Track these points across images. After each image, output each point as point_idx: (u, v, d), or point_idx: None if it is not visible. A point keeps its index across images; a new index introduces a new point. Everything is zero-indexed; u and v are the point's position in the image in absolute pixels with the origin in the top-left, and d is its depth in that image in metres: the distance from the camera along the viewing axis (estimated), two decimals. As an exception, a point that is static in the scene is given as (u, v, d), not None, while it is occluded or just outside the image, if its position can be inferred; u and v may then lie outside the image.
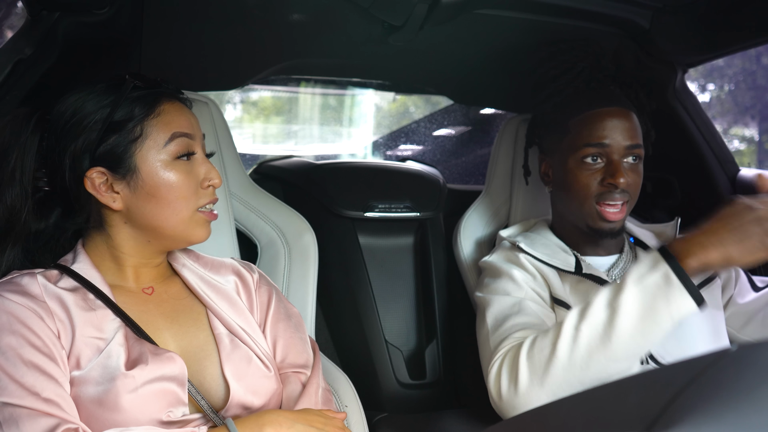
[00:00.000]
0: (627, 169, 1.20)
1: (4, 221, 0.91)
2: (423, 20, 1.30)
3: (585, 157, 1.21)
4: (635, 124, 1.23)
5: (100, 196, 0.90)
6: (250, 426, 0.82)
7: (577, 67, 1.29)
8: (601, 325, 0.97)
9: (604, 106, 1.23)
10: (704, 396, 0.40)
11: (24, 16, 1.15)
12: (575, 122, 1.24)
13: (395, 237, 1.64)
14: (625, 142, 1.20)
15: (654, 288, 0.94)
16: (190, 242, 0.96)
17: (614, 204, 1.20)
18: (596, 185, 1.21)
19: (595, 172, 1.21)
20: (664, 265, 0.94)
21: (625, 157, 1.21)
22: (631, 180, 1.20)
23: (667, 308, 0.93)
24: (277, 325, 1.02)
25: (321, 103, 3.00)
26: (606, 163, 1.21)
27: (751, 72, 4.94)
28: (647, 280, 0.95)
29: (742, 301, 1.25)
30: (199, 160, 0.95)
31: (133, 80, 0.93)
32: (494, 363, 1.08)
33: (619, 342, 0.95)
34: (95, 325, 0.86)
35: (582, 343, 0.98)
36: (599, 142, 1.20)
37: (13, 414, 0.76)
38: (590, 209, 1.22)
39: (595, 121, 1.22)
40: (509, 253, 1.30)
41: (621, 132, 1.20)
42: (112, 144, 0.89)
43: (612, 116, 1.21)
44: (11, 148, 0.91)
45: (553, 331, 1.02)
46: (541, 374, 1.00)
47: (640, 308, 0.95)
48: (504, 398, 1.04)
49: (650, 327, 0.94)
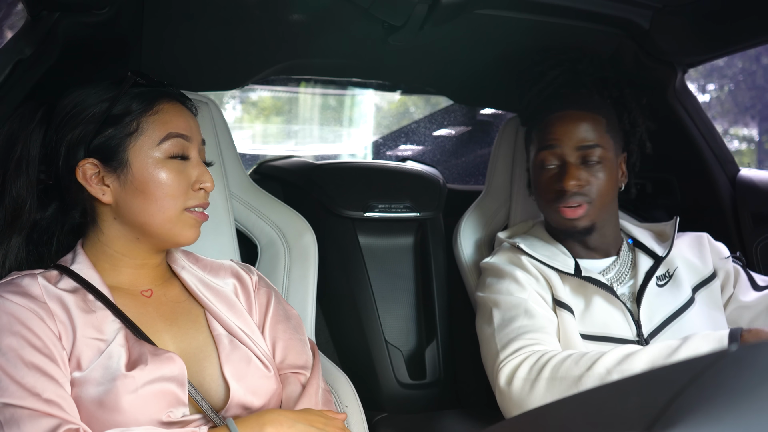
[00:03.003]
0: (582, 171, 1.21)
1: (11, 211, 0.92)
2: (423, 20, 1.30)
3: (542, 161, 1.26)
4: (592, 125, 1.24)
5: (90, 187, 0.91)
6: (251, 426, 0.82)
7: (547, 76, 1.32)
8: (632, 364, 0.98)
9: (556, 111, 1.27)
10: (704, 396, 0.40)
11: (24, 16, 1.15)
12: (537, 129, 1.30)
13: (395, 237, 1.64)
14: (576, 144, 1.22)
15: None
16: (177, 243, 0.96)
17: (568, 205, 1.22)
18: (553, 189, 1.24)
19: (551, 177, 1.25)
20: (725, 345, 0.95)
21: (578, 159, 1.22)
22: (587, 181, 1.21)
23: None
24: (276, 326, 1.02)
25: (321, 103, 3.00)
26: (559, 166, 1.24)
27: (751, 72, 4.94)
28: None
29: (744, 299, 1.25)
30: (194, 162, 0.95)
31: (135, 77, 0.94)
32: (509, 360, 1.09)
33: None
34: (96, 327, 0.86)
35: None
36: (549, 144, 1.25)
37: (14, 415, 0.77)
38: (552, 211, 1.26)
39: (547, 125, 1.27)
40: (510, 255, 1.30)
41: (572, 134, 1.23)
42: (108, 137, 0.91)
43: (563, 119, 1.25)
44: (18, 139, 0.93)
45: (585, 363, 1.02)
46: (558, 395, 1.00)
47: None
48: (514, 395, 1.05)
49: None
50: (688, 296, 1.23)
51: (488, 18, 1.39)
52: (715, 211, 1.62)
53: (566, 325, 1.17)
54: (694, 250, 1.30)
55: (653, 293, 1.22)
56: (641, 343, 1.17)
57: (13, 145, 0.93)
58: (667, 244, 1.28)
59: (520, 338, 1.11)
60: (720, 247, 1.32)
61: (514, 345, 1.11)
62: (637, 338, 1.17)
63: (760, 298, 1.24)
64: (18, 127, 0.93)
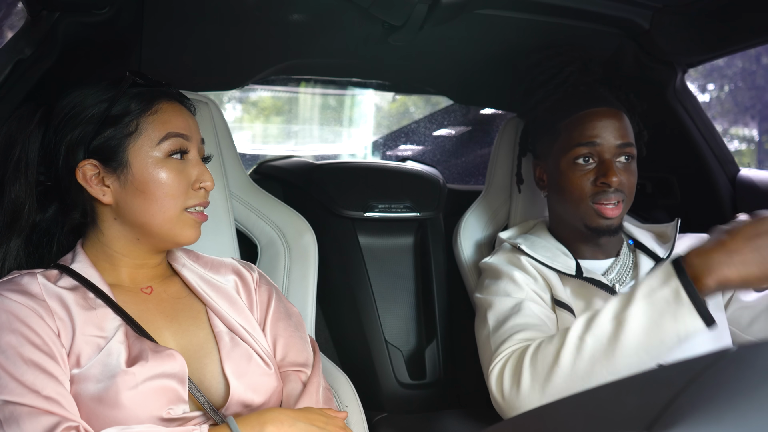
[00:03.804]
0: (620, 169, 1.20)
1: (10, 213, 0.92)
2: (423, 20, 1.30)
3: (577, 158, 1.22)
4: (626, 123, 1.24)
5: (91, 188, 0.91)
6: (252, 424, 0.82)
7: (564, 72, 1.31)
8: (605, 337, 0.96)
9: (593, 107, 1.23)
10: (704, 396, 0.40)
11: (24, 16, 1.15)
12: (566, 124, 1.25)
13: (395, 237, 1.64)
14: (616, 141, 1.21)
15: (663, 304, 0.91)
16: (177, 243, 0.96)
17: (609, 202, 1.20)
18: (590, 185, 1.21)
19: (587, 173, 1.21)
20: (676, 281, 0.91)
21: (616, 156, 1.21)
22: (625, 179, 1.21)
23: (674, 326, 0.91)
24: (277, 324, 1.02)
25: (321, 103, 3.00)
26: (598, 163, 1.21)
27: (751, 72, 4.94)
28: (657, 295, 0.92)
29: (745, 298, 1.25)
30: (193, 162, 0.95)
31: (133, 77, 0.94)
32: (497, 364, 1.08)
33: (623, 356, 0.94)
34: (96, 324, 0.86)
35: (585, 354, 0.97)
36: (590, 141, 1.21)
37: (13, 412, 0.77)
38: (587, 209, 1.22)
39: (584, 121, 1.22)
40: (510, 255, 1.30)
41: (611, 131, 1.21)
42: (107, 137, 0.91)
43: (601, 116, 1.22)
44: (17, 141, 0.93)
45: (558, 339, 1.01)
46: (543, 381, 1.00)
47: (646, 324, 0.92)
48: (506, 398, 1.04)
49: (655, 344, 0.92)
50: (689, 297, 1.22)
51: (488, 18, 1.39)
52: (715, 212, 1.62)
53: (566, 324, 1.17)
54: (695, 251, 1.30)
55: (654, 294, 1.22)
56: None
57: (11, 147, 0.92)
58: (668, 246, 1.28)
59: (510, 339, 1.11)
60: (721, 248, 1.32)
61: (504, 346, 1.11)
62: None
63: (761, 298, 1.24)
64: (16, 129, 0.93)
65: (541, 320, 1.15)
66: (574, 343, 0.98)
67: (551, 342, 1.02)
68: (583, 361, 0.96)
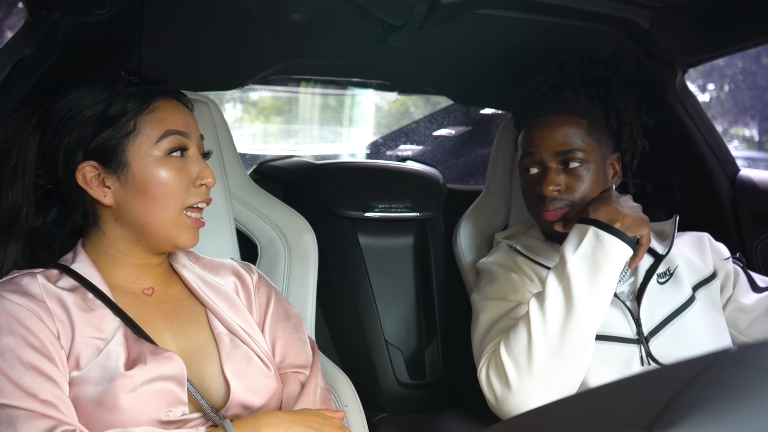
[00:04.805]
0: (564, 176, 1.22)
1: (7, 217, 0.91)
2: (423, 20, 1.30)
3: (524, 168, 1.28)
4: (571, 129, 1.23)
5: (91, 190, 0.91)
6: (248, 428, 0.82)
7: (535, 81, 1.32)
8: (560, 297, 1.06)
9: (535, 117, 1.27)
10: (704, 396, 0.40)
11: (24, 16, 1.15)
12: (520, 137, 1.31)
13: (395, 237, 1.64)
14: (554, 149, 1.23)
15: (590, 248, 1.06)
16: (176, 245, 0.95)
17: (548, 210, 1.22)
18: (534, 194, 1.25)
19: (534, 182, 1.26)
20: (589, 228, 1.07)
21: (558, 164, 1.23)
22: (567, 186, 1.22)
23: (607, 257, 1.05)
24: (276, 325, 1.02)
25: (321, 103, 2.99)
26: (541, 172, 1.25)
27: (751, 72, 4.95)
28: (582, 246, 1.07)
29: (744, 300, 1.25)
30: (193, 159, 0.95)
31: (129, 76, 0.93)
32: (482, 368, 1.12)
33: (581, 303, 1.04)
34: (95, 325, 0.86)
35: (551, 319, 1.04)
36: (529, 151, 1.26)
37: (10, 415, 0.76)
38: (536, 217, 1.27)
39: (528, 132, 1.28)
40: (506, 256, 1.31)
41: (549, 140, 1.23)
42: (105, 138, 0.90)
43: (540, 126, 1.25)
44: (14, 145, 0.92)
45: (522, 322, 1.07)
46: (527, 364, 1.04)
47: (586, 268, 1.05)
48: (500, 400, 1.06)
49: (601, 279, 1.05)
50: (689, 295, 1.23)
51: (488, 18, 1.39)
52: (715, 211, 1.62)
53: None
54: (694, 250, 1.30)
55: (654, 291, 1.22)
56: (641, 342, 1.17)
57: (8, 151, 0.92)
58: (667, 242, 1.28)
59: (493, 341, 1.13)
60: (720, 248, 1.32)
61: (487, 349, 1.12)
62: (637, 336, 1.17)
63: (759, 301, 1.24)
64: (13, 132, 0.92)
65: None
66: (538, 316, 1.05)
67: (517, 328, 1.07)
68: (553, 326, 1.04)
